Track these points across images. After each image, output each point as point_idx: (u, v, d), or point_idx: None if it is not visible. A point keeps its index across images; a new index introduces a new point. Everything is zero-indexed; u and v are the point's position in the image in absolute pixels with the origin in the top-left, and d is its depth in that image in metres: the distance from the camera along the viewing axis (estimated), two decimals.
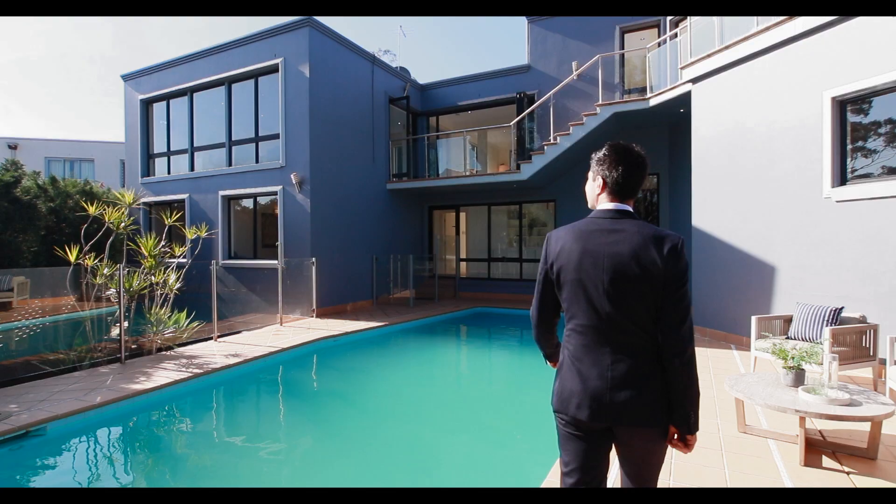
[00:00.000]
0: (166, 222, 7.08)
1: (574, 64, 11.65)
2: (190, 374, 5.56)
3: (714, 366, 5.85)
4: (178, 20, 46.59)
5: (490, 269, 13.52)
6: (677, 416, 1.55)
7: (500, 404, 5.64)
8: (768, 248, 6.49)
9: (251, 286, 10.83)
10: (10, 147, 21.50)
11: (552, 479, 3.06)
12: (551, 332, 1.87)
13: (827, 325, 4.98)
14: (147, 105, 12.97)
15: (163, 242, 6.97)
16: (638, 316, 1.55)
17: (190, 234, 7.46)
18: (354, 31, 46.31)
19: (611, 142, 1.75)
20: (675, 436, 1.60)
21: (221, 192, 11.29)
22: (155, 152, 13.06)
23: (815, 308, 5.20)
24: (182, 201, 12.04)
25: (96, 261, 6.28)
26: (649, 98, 9.25)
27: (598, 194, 1.74)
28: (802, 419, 3.24)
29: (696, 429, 1.57)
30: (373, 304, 11.81)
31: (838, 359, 3.97)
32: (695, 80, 7.64)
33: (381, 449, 4.22)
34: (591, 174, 1.80)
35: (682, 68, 7.86)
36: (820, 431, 3.75)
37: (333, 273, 10.58)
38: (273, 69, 10.58)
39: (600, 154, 1.74)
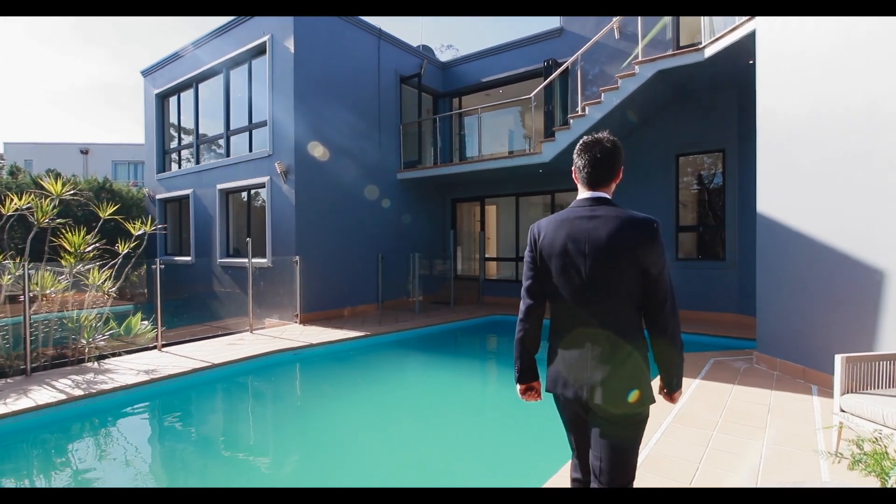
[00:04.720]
0: (101, 215, 6.26)
1: (614, 19, 9.53)
2: (64, 398, 4.55)
3: (775, 423, 3.77)
4: None
5: (517, 270, 11.68)
6: (663, 379, 1.71)
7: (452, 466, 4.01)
8: (870, 245, 4.24)
9: (244, 286, 9.98)
10: (81, 152, 23.08)
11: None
12: (538, 329, 1.85)
13: None
14: (162, 100, 12.69)
15: (93, 238, 6.13)
16: (617, 297, 1.63)
17: (134, 229, 6.59)
18: (401, 27, 45.63)
19: (586, 136, 1.79)
20: (665, 391, 1.75)
21: (219, 186, 10.58)
22: (169, 148, 12.77)
23: None
24: (187, 197, 11.55)
25: (5, 258, 5.55)
26: (704, 47, 7.01)
27: (578, 186, 1.82)
28: None
29: (679, 388, 1.72)
30: (378, 308, 10.51)
31: None
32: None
33: None
34: None
35: None
36: None
37: (326, 273, 9.42)
38: (263, 49, 9.63)
39: (577, 147, 1.81)
